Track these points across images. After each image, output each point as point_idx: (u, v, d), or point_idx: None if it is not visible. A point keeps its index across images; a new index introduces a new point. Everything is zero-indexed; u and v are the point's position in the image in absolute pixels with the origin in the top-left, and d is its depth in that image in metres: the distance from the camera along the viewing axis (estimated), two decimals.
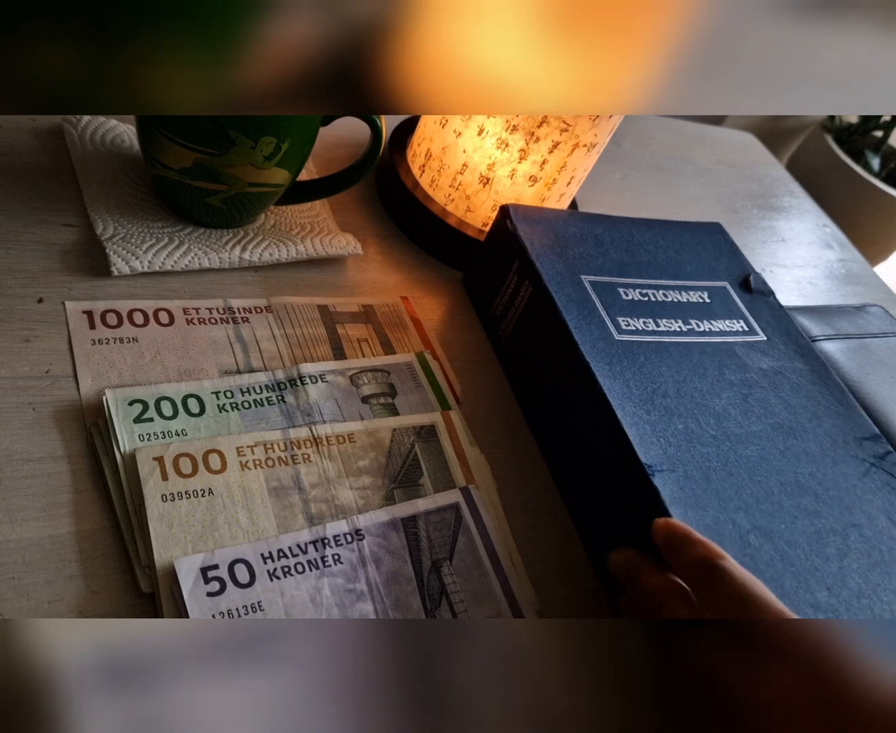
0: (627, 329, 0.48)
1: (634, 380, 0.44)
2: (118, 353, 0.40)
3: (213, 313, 0.45)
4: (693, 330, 0.50)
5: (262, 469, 0.38)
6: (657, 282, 0.52)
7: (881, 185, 1.71)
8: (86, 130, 0.49)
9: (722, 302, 0.53)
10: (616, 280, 0.51)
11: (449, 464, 0.42)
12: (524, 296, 0.49)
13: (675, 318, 0.50)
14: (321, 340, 0.46)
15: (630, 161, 0.80)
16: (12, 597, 0.31)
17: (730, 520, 0.40)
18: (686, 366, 0.47)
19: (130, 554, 0.34)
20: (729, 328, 0.51)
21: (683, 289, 0.53)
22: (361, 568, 0.36)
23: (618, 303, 0.49)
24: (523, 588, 0.39)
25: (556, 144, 0.52)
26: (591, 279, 0.50)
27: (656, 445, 0.41)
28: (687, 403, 0.45)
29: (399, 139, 0.60)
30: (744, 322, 0.52)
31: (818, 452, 0.45)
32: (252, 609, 0.33)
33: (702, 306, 0.52)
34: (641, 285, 0.51)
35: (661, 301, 0.51)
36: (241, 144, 0.42)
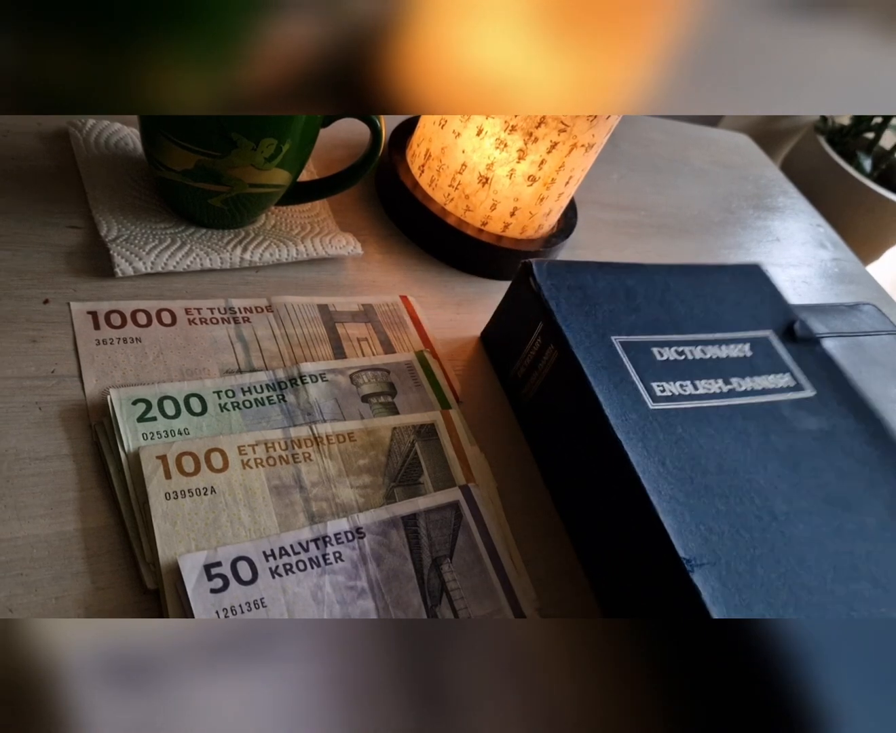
0: (663, 395, 0.44)
1: (671, 455, 0.40)
2: (122, 353, 0.41)
3: (214, 313, 0.45)
4: (734, 390, 0.46)
5: (263, 467, 0.38)
6: (694, 336, 0.48)
7: (873, 186, 1.72)
8: (90, 134, 0.50)
9: (765, 354, 0.49)
10: (650, 338, 0.47)
11: (449, 463, 0.43)
12: (549, 361, 0.46)
13: (714, 378, 0.46)
14: (321, 340, 0.47)
15: (627, 161, 0.80)
16: (21, 593, 0.32)
17: (778, 617, 0.36)
18: (728, 434, 0.43)
19: (135, 551, 0.34)
20: (774, 385, 0.47)
21: (723, 342, 0.49)
22: (362, 566, 0.37)
23: (652, 365, 0.45)
24: (523, 585, 0.40)
25: (555, 144, 0.52)
26: (622, 340, 0.46)
27: (696, 534, 0.38)
28: (729, 479, 0.41)
29: (398, 139, 0.61)
30: (790, 376, 0.48)
31: (875, 526, 0.41)
32: (255, 605, 0.34)
33: (744, 361, 0.48)
34: (677, 342, 0.47)
35: (699, 359, 0.47)
36: (243, 146, 0.42)
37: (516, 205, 0.55)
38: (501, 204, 0.55)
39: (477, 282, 0.57)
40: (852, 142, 1.86)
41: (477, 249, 0.56)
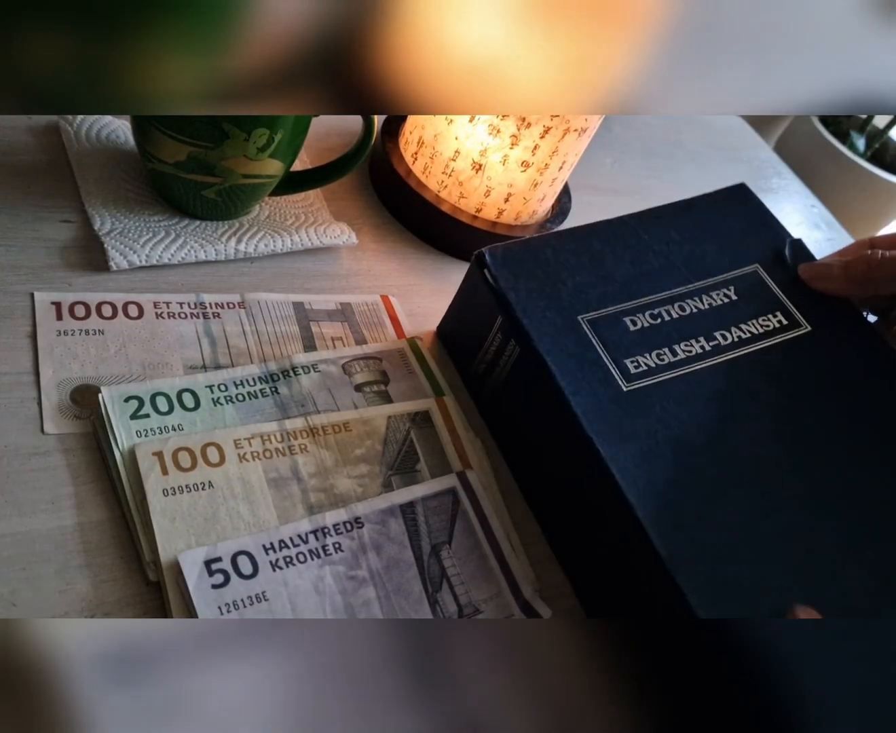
0: (637, 372, 0.40)
1: (650, 441, 0.37)
2: (82, 345, 0.40)
3: (183, 308, 0.44)
4: (719, 345, 0.42)
5: (259, 461, 0.39)
6: (671, 292, 0.44)
7: (867, 165, 1.71)
8: (81, 127, 0.49)
9: (753, 294, 0.45)
10: (621, 307, 0.43)
11: (445, 450, 0.43)
12: (510, 357, 0.43)
13: (696, 337, 0.42)
14: (293, 338, 0.46)
15: (621, 145, 0.80)
16: (24, 588, 0.32)
17: None
18: (715, 401, 0.39)
19: (137, 547, 0.34)
20: (764, 327, 0.43)
21: (704, 291, 0.44)
22: (362, 556, 0.37)
23: (625, 339, 0.41)
24: (523, 568, 0.40)
25: (548, 129, 0.52)
26: (590, 317, 0.42)
27: (681, 533, 0.35)
28: (720, 452, 0.38)
29: (391, 127, 0.61)
30: (781, 313, 0.44)
31: None
32: (257, 599, 0.34)
33: (728, 309, 0.44)
34: (652, 304, 0.43)
35: (676, 318, 0.43)
36: (235, 137, 0.42)
37: (510, 191, 0.55)
38: (495, 190, 0.55)
39: None
40: (845, 121, 1.86)
41: (471, 236, 0.56)
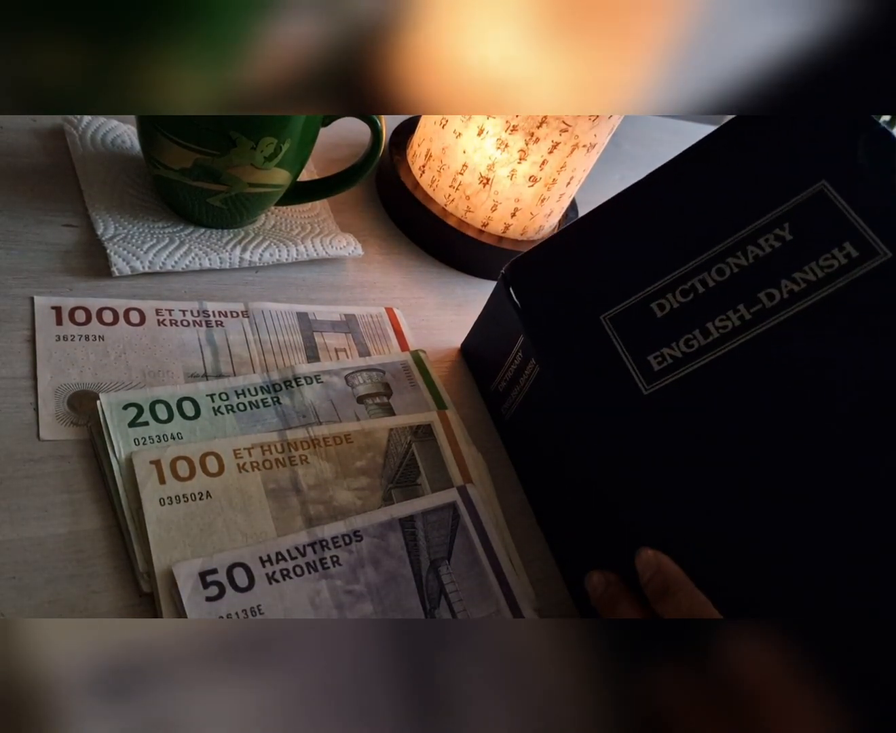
0: (662, 367, 0.35)
1: (673, 445, 0.33)
2: (81, 350, 0.40)
3: (186, 315, 0.44)
4: (763, 309, 0.33)
5: (259, 471, 0.38)
6: (706, 254, 0.36)
7: None
8: (86, 131, 0.49)
9: (815, 221, 0.34)
10: (648, 291, 0.38)
11: (446, 464, 0.43)
12: (530, 376, 0.42)
13: (733, 308, 0.34)
14: (296, 348, 0.46)
15: (629, 161, 0.80)
16: (13, 597, 0.31)
17: None
18: (753, 383, 0.32)
19: (131, 556, 0.34)
20: (828, 268, 0.33)
21: (749, 239, 0.35)
22: (360, 570, 0.36)
23: (651, 330, 0.37)
24: (522, 586, 0.39)
25: (556, 145, 0.52)
26: (612, 314, 0.38)
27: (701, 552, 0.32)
28: (765, 454, 0.31)
29: (399, 139, 0.61)
30: (851, 242, 0.33)
31: None
32: (252, 612, 0.33)
33: (779, 256, 0.34)
34: (681, 277, 0.37)
35: (712, 287, 0.36)
36: (242, 145, 0.42)
37: (517, 205, 0.55)
38: (502, 205, 0.55)
39: (477, 283, 0.57)
40: None
41: (478, 250, 0.56)
